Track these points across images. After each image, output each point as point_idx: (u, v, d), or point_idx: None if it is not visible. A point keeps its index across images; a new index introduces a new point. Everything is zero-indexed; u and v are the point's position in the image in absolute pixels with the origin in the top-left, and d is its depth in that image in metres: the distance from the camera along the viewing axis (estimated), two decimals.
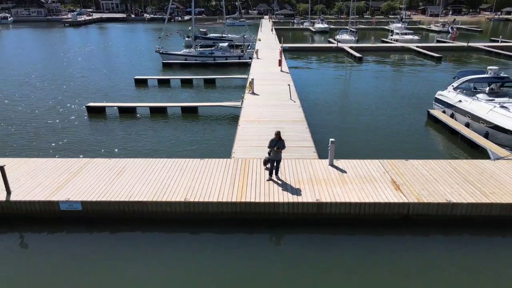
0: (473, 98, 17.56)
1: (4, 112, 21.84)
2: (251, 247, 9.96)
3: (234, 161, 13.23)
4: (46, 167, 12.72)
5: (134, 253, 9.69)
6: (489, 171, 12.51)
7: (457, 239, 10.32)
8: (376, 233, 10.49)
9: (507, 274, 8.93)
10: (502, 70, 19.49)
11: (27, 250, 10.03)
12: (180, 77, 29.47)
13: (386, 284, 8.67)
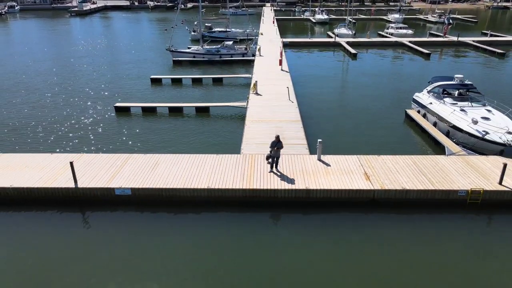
0: (440, 101, 21.04)
1: (45, 113, 25.45)
2: (256, 222, 13.70)
3: (243, 156, 16.89)
4: (97, 161, 16.40)
5: (170, 228, 13.44)
6: (440, 164, 16.14)
7: (409, 217, 14.00)
8: (351, 212, 14.19)
9: (446, 244, 12.63)
10: (467, 78, 22.81)
11: (91, 226, 13.76)
12: (191, 76, 32.87)
13: (358, 249, 12.40)
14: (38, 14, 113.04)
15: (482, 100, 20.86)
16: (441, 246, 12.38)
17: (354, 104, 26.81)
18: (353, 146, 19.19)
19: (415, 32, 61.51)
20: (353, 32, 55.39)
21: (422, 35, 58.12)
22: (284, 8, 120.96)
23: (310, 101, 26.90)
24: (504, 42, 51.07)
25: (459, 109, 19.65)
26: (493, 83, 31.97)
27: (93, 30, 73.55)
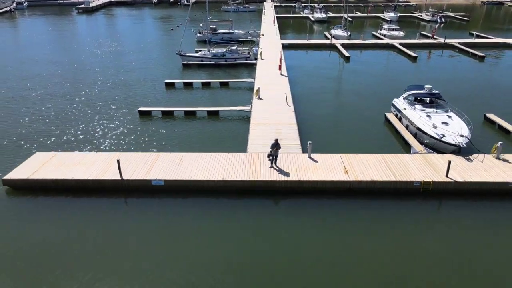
0: (412, 107, 25.36)
1: (80, 117, 29.83)
2: (260, 206, 18.15)
3: (249, 154, 21.29)
4: (134, 158, 20.81)
5: (195, 211, 17.88)
6: (404, 161, 20.54)
7: (377, 202, 18.42)
8: (332, 199, 18.63)
9: (403, 222, 17.06)
10: (434, 88, 27.03)
11: (133, 210, 18.21)
12: (201, 81, 37.12)
13: (338, 227, 16.85)
14: (45, 10, 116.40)
15: (446, 107, 25.17)
16: (399, 224, 16.86)
17: (343, 107, 31.11)
18: (337, 145, 23.50)
19: (409, 31, 65.49)
20: (348, 34, 59.23)
21: (414, 35, 61.96)
22: (285, 4, 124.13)
23: (305, 104, 31.16)
24: (488, 44, 55.03)
25: (426, 115, 24.00)
26: (467, 87, 36.16)
27: (102, 31, 77.34)
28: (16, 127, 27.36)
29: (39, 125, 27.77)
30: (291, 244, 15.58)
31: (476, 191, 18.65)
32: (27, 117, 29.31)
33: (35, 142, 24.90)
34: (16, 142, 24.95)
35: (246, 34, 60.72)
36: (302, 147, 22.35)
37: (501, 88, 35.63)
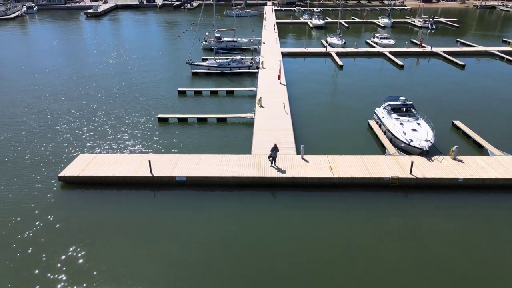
0: (388, 116, 30.22)
1: (107, 123, 34.76)
2: (261, 197, 23.07)
3: (253, 156, 26.19)
4: (160, 159, 25.70)
5: (211, 202, 22.77)
6: (379, 161, 25.42)
7: (354, 194, 23.30)
8: (319, 191, 23.53)
9: (374, 210, 21.97)
10: (408, 99, 31.85)
11: (161, 201, 23.11)
12: (209, 89, 41.97)
13: (324, 214, 21.77)
14: (54, 15, 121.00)
15: (417, 116, 30.05)
16: (371, 211, 21.76)
17: (333, 113, 35.97)
18: (326, 148, 28.31)
19: (401, 37, 70.35)
20: (343, 42, 63.99)
21: (405, 42, 66.70)
22: (285, 8, 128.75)
23: (300, 111, 36.00)
24: (471, 52, 59.77)
25: (399, 123, 28.88)
26: (444, 95, 40.95)
27: (112, 38, 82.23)
28: (57, 135, 32.29)
29: (76, 131, 32.69)
30: (286, 225, 20.49)
31: (433, 185, 23.55)
32: (64, 125, 34.22)
33: (76, 146, 29.84)
34: (61, 146, 29.88)
35: (248, 42, 65.56)
36: (296, 149, 27.24)
37: (474, 96, 40.44)
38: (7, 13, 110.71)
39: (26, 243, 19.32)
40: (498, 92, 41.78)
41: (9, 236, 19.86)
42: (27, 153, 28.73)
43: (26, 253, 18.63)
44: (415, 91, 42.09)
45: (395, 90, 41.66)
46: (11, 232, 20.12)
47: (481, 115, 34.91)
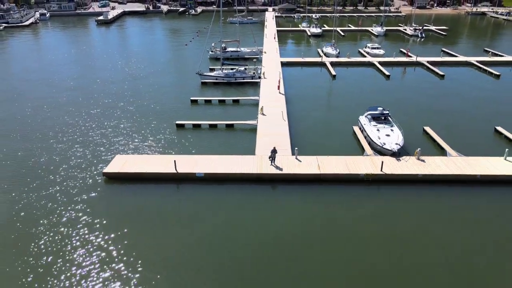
0: (369, 123, 36.47)
1: (133, 129, 41.08)
2: (263, 190, 29.40)
3: (256, 156, 32.51)
4: (183, 159, 32.01)
5: (224, 194, 29.11)
6: (358, 161, 31.68)
7: (337, 187, 29.57)
8: (309, 185, 29.82)
9: (352, 199, 28.27)
10: (386, 109, 38.05)
11: (184, 194, 29.45)
12: (217, 98, 48.26)
13: (312, 204, 28.07)
14: (65, 21, 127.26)
15: (391, 123, 36.32)
16: (349, 200, 28.06)
17: (324, 120, 42.20)
18: (315, 150, 34.54)
19: (393, 45, 76.39)
20: (337, 52, 70.17)
21: (396, 50, 72.83)
22: (285, 14, 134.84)
23: (296, 118, 42.23)
24: (453, 62, 65.87)
25: (376, 129, 35.16)
26: (421, 103, 47.14)
27: (122, 46, 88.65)
28: (93, 140, 38.65)
29: (108, 136, 39.05)
30: (282, 211, 26.78)
31: (398, 179, 29.80)
32: (97, 131, 40.60)
33: (111, 149, 36.17)
34: (98, 150, 36.24)
35: (251, 52, 71.81)
36: (291, 151, 33.52)
37: (447, 104, 46.60)
38: (22, 20, 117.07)
39: (79, 224, 25.69)
40: (470, 100, 47.95)
41: (67, 219, 26.23)
42: (72, 156, 35.08)
43: (78, 231, 25.00)
44: (397, 99, 48.30)
45: (380, 99, 47.84)
46: (69, 216, 26.49)
47: (450, 121, 41.10)
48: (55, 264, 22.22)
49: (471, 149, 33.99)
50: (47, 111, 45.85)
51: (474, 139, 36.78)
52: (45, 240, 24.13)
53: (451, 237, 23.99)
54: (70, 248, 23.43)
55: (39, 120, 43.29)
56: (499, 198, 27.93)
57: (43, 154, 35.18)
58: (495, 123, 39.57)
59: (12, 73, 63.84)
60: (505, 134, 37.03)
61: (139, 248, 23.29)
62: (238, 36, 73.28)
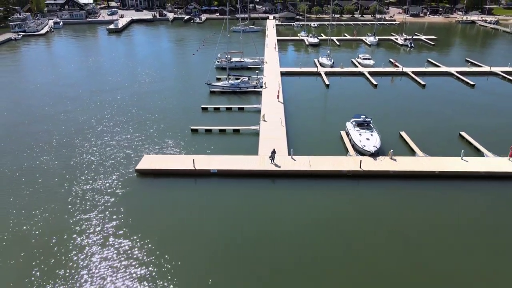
0: (354, 129, 43.70)
1: (153, 133, 48.40)
2: (264, 183, 36.66)
3: (259, 156, 39.79)
4: (200, 158, 39.26)
5: (236, 187, 36.36)
6: (342, 160, 38.91)
7: (325, 181, 36.77)
8: (302, 179, 37.05)
9: (337, 190, 35.49)
10: (368, 116, 45.19)
11: (201, 187, 36.70)
12: (225, 106, 55.54)
13: (306, 195, 35.31)
14: (77, 29, 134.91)
15: (372, 128, 43.54)
16: (334, 192, 35.29)
17: (316, 125, 49.42)
18: (308, 151, 41.70)
19: (386, 53, 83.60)
20: (332, 62, 77.45)
21: (385, 60, 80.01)
22: (285, 23, 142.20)
23: (292, 124, 49.41)
24: (435, 72, 73.08)
25: (359, 134, 42.39)
26: (401, 110, 54.32)
27: (134, 54, 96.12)
28: (121, 142, 45.96)
29: (135, 139, 46.34)
30: (280, 200, 33.99)
31: (373, 175, 36.97)
32: (124, 135, 47.91)
33: (139, 149, 43.45)
34: (127, 151, 43.52)
35: (253, 62, 79.14)
36: (288, 151, 40.74)
37: (423, 111, 53.76)
38: (38, 29, 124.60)
39: (119, 210, 32.98)
40: (443, 108, 55.12)
41: (105, 208, 33.53)
42: (105, 156, 42.37)
43: (118, 215, 32.30)
44: (380, 107, 55.51)
45: (366, 106, 54.98)
46: (111, 205, 33.78)
47: (423, 127, 48.25)
48: (103, 240, 29.50)
49: (436, 151, 41.16)
50: (79, 117, 53.12)
51: (441, 142, 43.94)
52: (96, 220, 31.40)
53: (410, 221, 31.21)
54: (115, 225, 30.70)
55: (74, 124, 50.56)
56: (452, 190, 35.13)
57: (82, 155, 42.47)
58: (460, 129, 46.72)
59: (44, 79, 71.17)
60: (467, 138, 44.22)
61: (167, 226, 30.52)
62: (241, 45, 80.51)
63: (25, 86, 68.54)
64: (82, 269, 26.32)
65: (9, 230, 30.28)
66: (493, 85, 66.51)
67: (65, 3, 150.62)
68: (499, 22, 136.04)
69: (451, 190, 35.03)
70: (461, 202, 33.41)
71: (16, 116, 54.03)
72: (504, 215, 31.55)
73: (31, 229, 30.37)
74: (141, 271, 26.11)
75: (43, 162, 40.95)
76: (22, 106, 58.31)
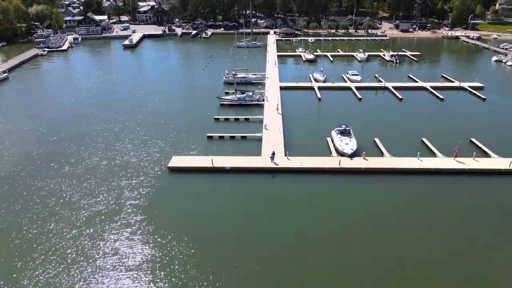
0: (336, 136, 55.40)
1: (175, 138, 60.23)
2: (265, 177, 48.31)
3: (262, 157, 51.50)
4: (217, 158, 50.92)
5: (248, 182, 47.98)
6: (327, 160, 50.57)
7: (314, 176, 48.37)
8: (295, 174, 48.65)
9: (323, 183, 47.10)
10: (348, 125, 56.82)
11: (219, 180, 48.34)
12: (234, 117, 67.34)
13: (301, 189, 46.94)
14: (94, 44, 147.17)
15: (351, 135, 55.23)
16: (319, 184, 46.88)
17: (308, 133, 61.07)
18: (300, 153, 53.22)
19: (372, 69, 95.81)
20: (324, 77, 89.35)
21: (371, 75, 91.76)
22: (284, 38, 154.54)
23: (289, 132, 61.06)
24: (413, 87, 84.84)
25: (340, 140, 54.11)
26: (378, 120, 65.98)
27: (149, 69, 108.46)
28: (151, 146, 57.74)
29: (161, 143, 58.06)
30: (278, 190, 45.57)
31: (349, 171, 48.55)
32: (153, 140, 59.69)
33: (167, 151, 55.11)
34: (157, 153, 55.22)
35: (256, 78, 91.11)
36: (284, 153, 52.36)
37: (396, 122, 65.40)
38: (60, 44, 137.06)
39: (156, 200, 44.62)
40: (413, 118, 66.69)
41: (147, 197, 45.17)
42: (140, 157, 54.06)
43: (156, 204, 43.92)
44: (362, 117, 67.13)
45: (350, 117, 66.47)
46: (149, 196, 45.43)
47: (393, 133, 59.82)
48: (148, 220, 41.09)
49: (400, 152, 52.64)
50: (114, 124, 64.90)
51: (406, 146, 55.37)
52: (141, 204, 42.99)
53: (375, 206, 42.72)
54: (154, 207, 42.29)
55: (111, 129, 62.30)
56: (410, 183, 46.64)
57: (123, 157, 54.18)
58: (423, 135, 58.28)
59: (78, 91, 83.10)
60: (426, 144, 55.80)
61: (194, 209, 42.06)
62: (246, 62, 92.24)
63: (64, 98, 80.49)
64: (133, 236, 37.95)
65: (76, 210, 41.99)
66: (460, 99, 78.29)
67: (82, 19, 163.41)
68: (481, 37, 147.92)
69: (409, 183, 46.60)
70: (416, 192, 44.96)
71: (66, 121, 65.86)
72: (446, 201, 43.03)
73: (103, 206, 42.09)
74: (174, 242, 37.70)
75: (96, 160, 52.68)
76: (70, 111, 70.22)
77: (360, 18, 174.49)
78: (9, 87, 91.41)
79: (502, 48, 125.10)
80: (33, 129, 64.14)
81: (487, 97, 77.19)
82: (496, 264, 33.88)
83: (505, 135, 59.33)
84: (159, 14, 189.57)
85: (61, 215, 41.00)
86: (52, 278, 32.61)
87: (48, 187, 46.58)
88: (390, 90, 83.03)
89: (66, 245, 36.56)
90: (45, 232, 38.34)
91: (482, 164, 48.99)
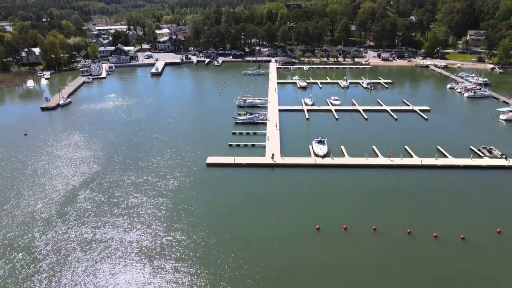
0: (315, 144, 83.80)
1: (203, 145, 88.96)
2: (265, 172, 76.58)
3: (266, 157, 79.92)
4: (236, 158, 79.27)
5: (253, 174, 76.25)
6: (307, 159, 78.87)
7: (297, 170, 76.50)
8: (289, 168, 76.91)
9: (302, 176, 75.27)
10: (323, 137, 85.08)
11: (238, 174, 76.55)
12: (245, 131, 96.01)
13: (298, 185, 75.14)
14: (124, 72, 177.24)
15: (325, 143, 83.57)
16: (302, 176, 75.09)
17: (297, 144, 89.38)
18: (292, 154, 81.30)
19: (351, 94, 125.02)
20: (312, 102, 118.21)
21: (349, 100, 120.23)
22: (283, 66, 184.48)
23: (284, 142, 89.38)
24: (378, 110, 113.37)
25: (317, 146, 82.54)
26: (346, 135, 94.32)
27: (176, 94, 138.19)
28: (187, 150, 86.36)
29: (197, 148, 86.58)
30: (275, 178, 73.72)
31: (322, 166, 76.68)
32: (187, 146, 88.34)
33: (201, 153, 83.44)
34: (193, 154, 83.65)
35: (261, 102, 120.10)
36: (280, 155, 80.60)
37: (360, 135, 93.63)
38: (100, 72, 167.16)
39: (196, 190, 72.91)
40: (372, 133, 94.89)
41: (190, 186, 73.48)
42: (183, 157, 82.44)
43: (196, 194, 72.22)
44: (336, 133, 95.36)
45: (327, 132, 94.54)
46: (192, 186, 73.73)
47: (355, 142, 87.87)
48: (184, 210, 69.32)
49: (357, 153, 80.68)
50: (163, 137, 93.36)
51: (360, 150, 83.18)
52: (184, 191, 71.14)
53: (336, 190, 70.72)
54: (196, 193, 70.43)
55: (160, 139, 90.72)
56: (359, 174, 74.64)
57: (168, 162, 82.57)
58: (373, 144, 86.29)
59: (129, 112, 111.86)
60: (374, 149, 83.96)
61: (227, 195, 70.08)
62: (252, 89, 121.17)
63: (119, 117, 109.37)
64: (175, 216, 66.18)
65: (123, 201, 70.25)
66: (409, 119, 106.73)
67: (114, 50, 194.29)
68: (447, 66, 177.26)
69: (359, 174, 74.61)
70: (364, 179, 72.94)
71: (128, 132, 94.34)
72: (382, 184, 70.92)
73: (161, 196, 70.32)
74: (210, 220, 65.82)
75: (157, 160, 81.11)
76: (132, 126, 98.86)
77: (349, 48, 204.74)
78: (73, 110, 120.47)
79: (460, 76, 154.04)
80: (106, 139, 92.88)
81: (429, 117, 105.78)
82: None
83: (428, 143, 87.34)
84: (177, 44, 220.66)
85: (142, 189, 69.12)
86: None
87: (129, 179, 74.87)
88: (360, 112, 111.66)
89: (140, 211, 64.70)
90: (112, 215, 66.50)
91: (405, 162, 77.26)
